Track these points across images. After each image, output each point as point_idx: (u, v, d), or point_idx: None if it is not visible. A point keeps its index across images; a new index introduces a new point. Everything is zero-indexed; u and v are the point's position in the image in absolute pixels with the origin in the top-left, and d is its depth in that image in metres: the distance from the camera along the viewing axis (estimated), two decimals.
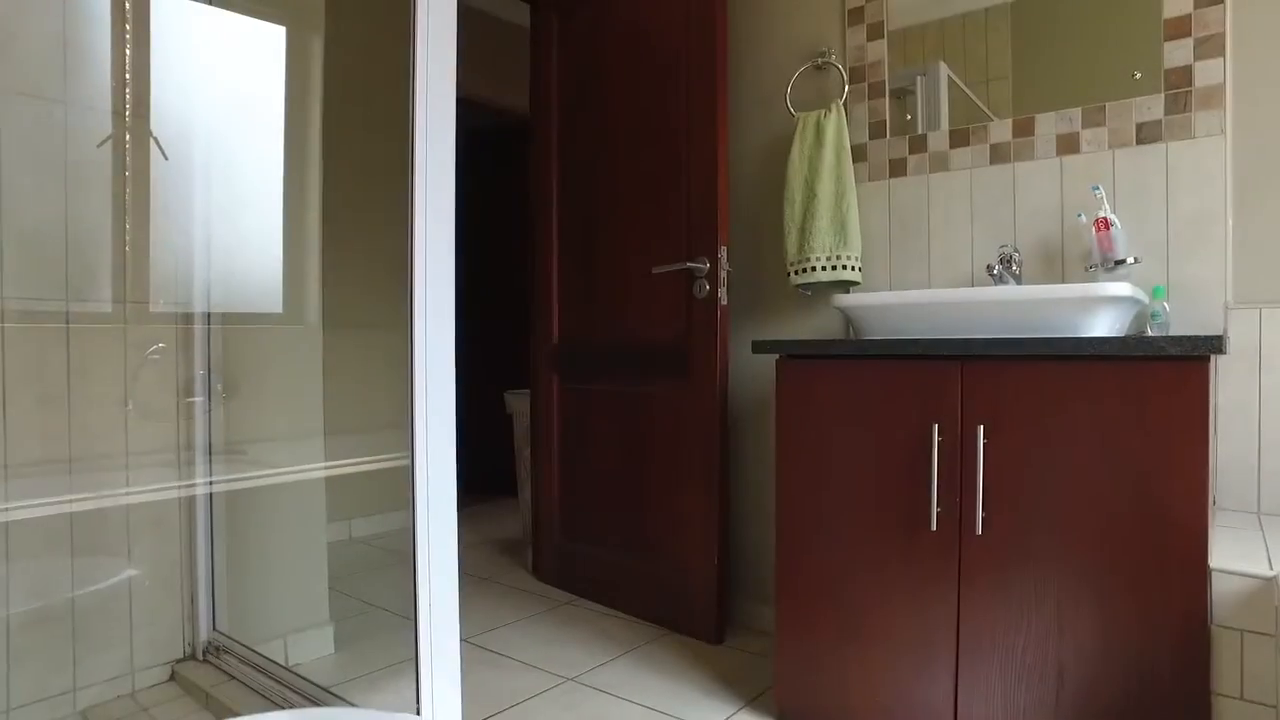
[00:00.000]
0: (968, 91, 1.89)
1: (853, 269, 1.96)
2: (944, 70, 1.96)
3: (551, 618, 2.36)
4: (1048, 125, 1.77)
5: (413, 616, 1.50)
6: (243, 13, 2.31)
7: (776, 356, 1.64)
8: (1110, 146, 1.70)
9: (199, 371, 2.21)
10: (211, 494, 2.03)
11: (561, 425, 2.61)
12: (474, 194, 4.28)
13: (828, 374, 1.58)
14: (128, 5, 2.03)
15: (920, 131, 1.95)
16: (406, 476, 1.43)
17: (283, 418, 2.31)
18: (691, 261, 2.14)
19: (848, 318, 1.65)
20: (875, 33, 2.02)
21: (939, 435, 1.44)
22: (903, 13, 1.97)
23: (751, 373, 2.26)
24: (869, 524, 1.53)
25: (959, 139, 1.89)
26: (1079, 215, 1.70)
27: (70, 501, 1.77)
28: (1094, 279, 1.69)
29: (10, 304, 1.74)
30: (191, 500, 1.98)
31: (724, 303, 2.11)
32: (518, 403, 3.12)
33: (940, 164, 1.92)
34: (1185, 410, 1.23)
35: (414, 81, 1.36)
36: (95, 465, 1.89)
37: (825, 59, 2.07)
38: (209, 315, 2.27)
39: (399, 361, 3.53)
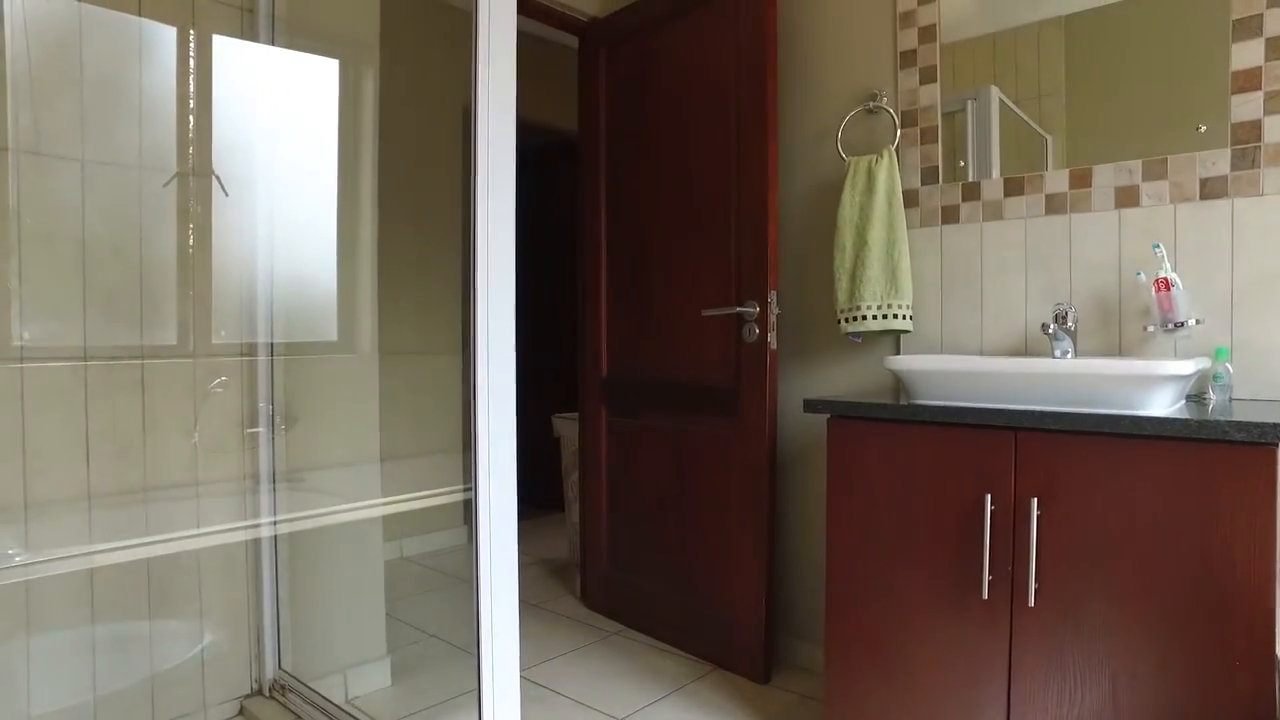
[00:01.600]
0: (1019, 112, 1.86)
1: (904, 318, 1.95)
2: (995, 94, 1.93)
3: (600, 650, 2.40)
4: (1106, 177, 1.74)
5: (475, 654, 1.51)
6: (298, 49, 2.37)
7: (828, 415, 1.65)
8: (1172, 201, 1.66)
9: (261, 404, 2.29)
10: (276, 535, 2.11)
11: (610, 457, 2.64)
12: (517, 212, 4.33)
13: (878, 436, 1.59)
14: (191, 47, 2.10)
15: (973, 179, 1.93)
16: (465, 507, 1.45)
17: (340, 445, 2.39)
18: (741, 306, 2.15)
19: (899, 379, 1.65)
20: (928, 76, 2.00)
21: (991, 504, 1.44)
22: (952, 29, 1.95)
23: (800, 413, 2.26)
24: (919, 587, 1.54)
25: (1013, 188, 1.86)
26: (1138, 274, 1.67)
27: (148, 544, 1.86)
28: (1152, 340, 1.66)
29: (88, 339, 1.83)
30: (257, 542, 2.06)
31: (773, 347, 2.12)
32: (565, 427, 3.17)
33: (994, 212, 1.89)
34: (1251, 495, 1.21)
35: (476, 116, 1.35)
36: (167, 496, 1.98)
37: (877, 103, 2.05)
38: (271, 346, 2.35)
39: (451, 387, 3.61)
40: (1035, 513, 1.39)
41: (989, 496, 1.44)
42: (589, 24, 2.72)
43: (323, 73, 2.51)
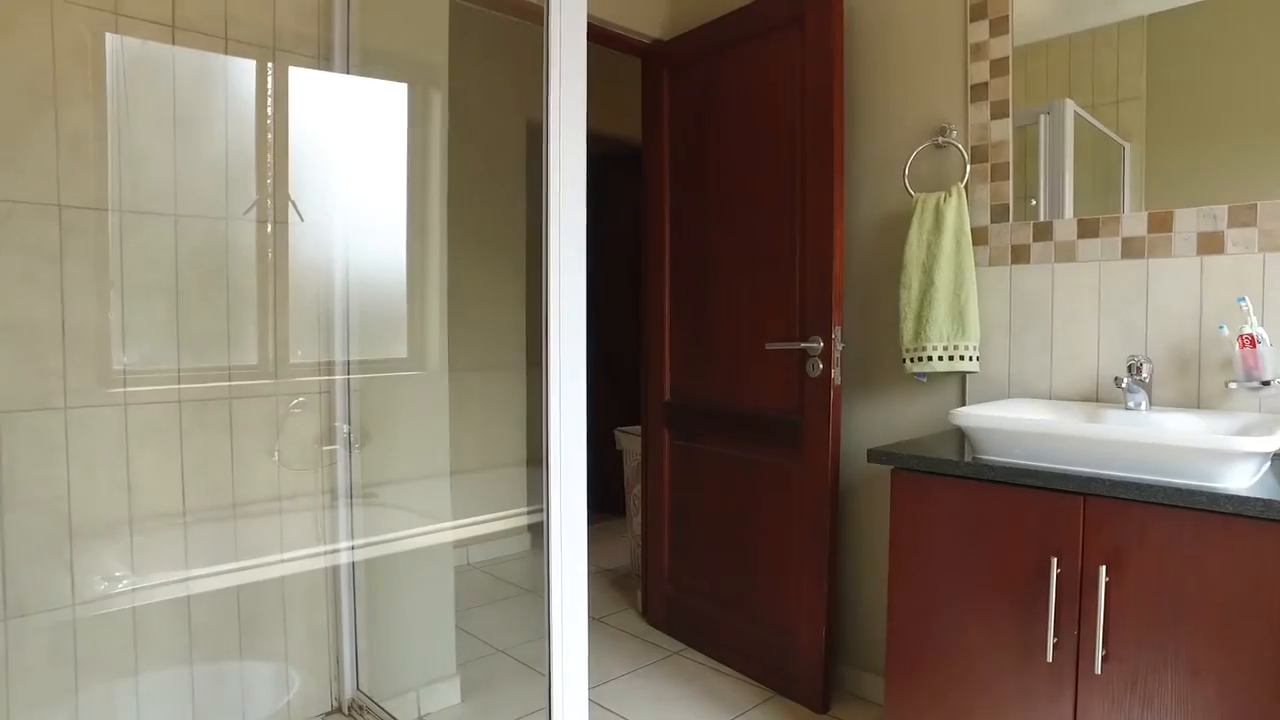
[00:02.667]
0: (1094, 122, 1.81)
1: (970, 359, 1.92)
2: (1070, 107, 1.88)
3: (661, 670, 2.46)
4: (1188, 221, 1.68)
5: (546, 677, 1.52)
6: (369, 75, 2.42)
7: (891, 466, 1.65)
8: (1261, 250, 1.60)
9: (337, 423, 2.39)
10: (354, 561, 2.22)
11: (672, 479, 2.68)
12: None
13: (943, 490, 1.58)
14: (270, 78, 2.18)
15: (1045, 218, 1.89)
16: (538, 531, 1.50)
17: (410, 459, 2.48)
18: (805, 342, 2.15)
19: (964, 432, 1.64)
20: (999, 111, 1.95)
21: (1058, 567, 1.43)
22: (1027, 30, 1.90)
23: (862, 445, 2.25)
24: (982, 642, 1.54)
25: (1087, 229, 1.82)
26: (1220, 328, 1.61)
27: (239, 570, 1.98)
28: (1234, 396, 1.60)
29: (180, 362, 1.94)
30: (337, 568, 2.16)
31: (837, 383, 2.12)
32: (628, 441, 3.22)
33: (1066, 254, 1.85)
34: None
35: (547, 141, 1.35)
36: (253, 512, 2.10)
37: (946, 138, 2.02)
38: (348, 365, 2.44)
39: (515, 401, 3.69)
40: (1104, 579, 1.37)
41: (1055, 560, 1.42)
42: (651, 45, 2.72)
43: (392, 96, 2.58)
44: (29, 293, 1.57)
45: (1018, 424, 1.49)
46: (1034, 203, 1.91)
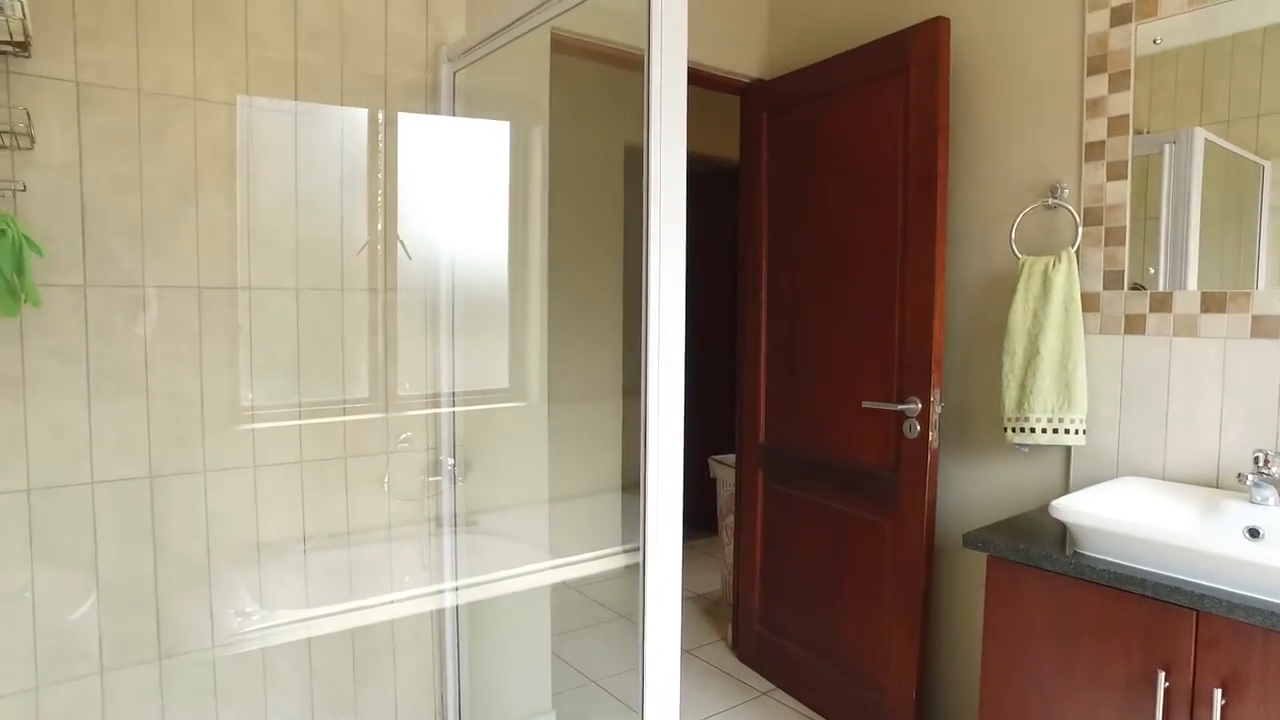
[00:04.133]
0: (1230, 147, 1.69)
1: (1076, 432, 1.85)
2: (1200, 136, 1.77)
3: (752, 712, 2.49)
4: None
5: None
6: (474, 116, 2.49)
7: (987, 553, 1.62)
8: None
9: (442, 456, 2.52)
10: (459, 605, 2.34)
11: (765, 521, 2.70)
12: None
13: (1041, 583, 1.54)
14: (381, 124, 2.29)
15: (1164, 287, 1.78)
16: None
17: (511, 488, 2.58)
18: (902, 403, 2.12)
19: (1064, 525, 1.59)
20: (1117, 172, 1.85)
21: (1165, 681, 1.37)
22: (1158, 39, 1.79)
23: (958, 504, 2.21)
24: None
25: (1213, 303, 1.71)
26: None
27: (353, 611, 2.13)
28: None
29: (301, 395, 2.07)
30: (441, 611, 2.29)
31: (934, 445, 2.08)
32: (722, 471, 3.25)
33: (1187, 328, 1.75)
34: None
35: (648, 169, 1.37)
36: (364, 540, 2.24)
37: (1057, 199, 1.93)
38: (453, 397, 2.55)
39: (612, 430, 3.75)
40: (1219, 702, 1.31)
41: (1163, 673, 1.37)
42: (750, 85, 2.71)
43: (495, 134, 2.66)
44: (174, 367, 1.73)
45: (1123, 526, 1.44)
46: (1152, 271, 1.81)
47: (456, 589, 2.32)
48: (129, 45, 1.65)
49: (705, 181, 4.31)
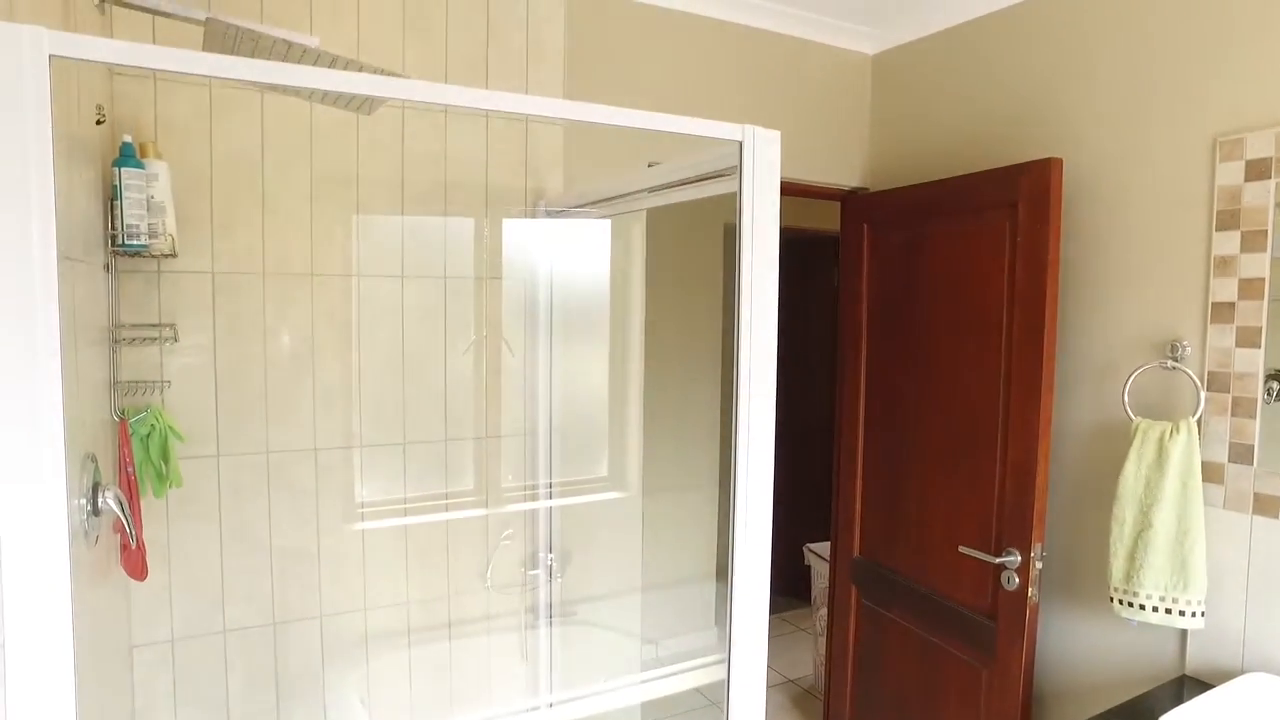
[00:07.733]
0: None
1: (1193, 614, 1.74)
2: None
3: None
4: None
5: None
6: (575, 216, 2.54)
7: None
8: None
9: (540, 552, 2.61)
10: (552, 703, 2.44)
11: (858, 636, 2.66)
12: None
13: None
14: (485, 231, 2.36)
15: None
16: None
17: (606, 576, 2.65)
18: (1001, 556, 2.04)
19: None
20: (1248, 339, 1.71)
21: None
22: None
23: (1060, 656, 2.11)
24: None
25: None
26: None
27: None
28: None
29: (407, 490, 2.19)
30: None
31: (1034, 601, 1.99)
32: (816, 561, 3.22)
33: None
34: None
35: (740, 264, 1.43)
36: (466, 633, 2.35)
37: (1176, 361, 1.80)
38: (550, 489, 2.64)
39: (705, 519, 3.76)
40: None
41: None
42: (850, 193, 2.65)
43: (596, 231, 2.71)
44: (292, 523, 1.89)
45: None
46: None
47: (551, 705, 2.42)
48: (256, 234, 1.80)
49: (802, 249, 4.25)
